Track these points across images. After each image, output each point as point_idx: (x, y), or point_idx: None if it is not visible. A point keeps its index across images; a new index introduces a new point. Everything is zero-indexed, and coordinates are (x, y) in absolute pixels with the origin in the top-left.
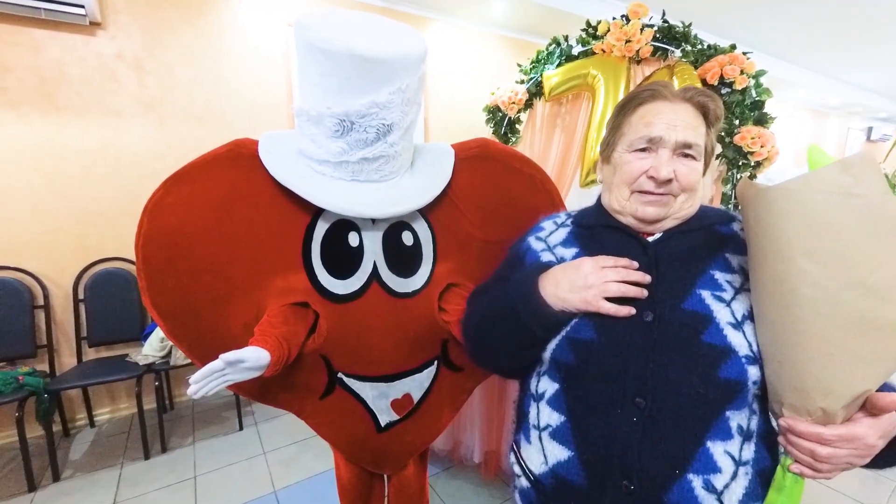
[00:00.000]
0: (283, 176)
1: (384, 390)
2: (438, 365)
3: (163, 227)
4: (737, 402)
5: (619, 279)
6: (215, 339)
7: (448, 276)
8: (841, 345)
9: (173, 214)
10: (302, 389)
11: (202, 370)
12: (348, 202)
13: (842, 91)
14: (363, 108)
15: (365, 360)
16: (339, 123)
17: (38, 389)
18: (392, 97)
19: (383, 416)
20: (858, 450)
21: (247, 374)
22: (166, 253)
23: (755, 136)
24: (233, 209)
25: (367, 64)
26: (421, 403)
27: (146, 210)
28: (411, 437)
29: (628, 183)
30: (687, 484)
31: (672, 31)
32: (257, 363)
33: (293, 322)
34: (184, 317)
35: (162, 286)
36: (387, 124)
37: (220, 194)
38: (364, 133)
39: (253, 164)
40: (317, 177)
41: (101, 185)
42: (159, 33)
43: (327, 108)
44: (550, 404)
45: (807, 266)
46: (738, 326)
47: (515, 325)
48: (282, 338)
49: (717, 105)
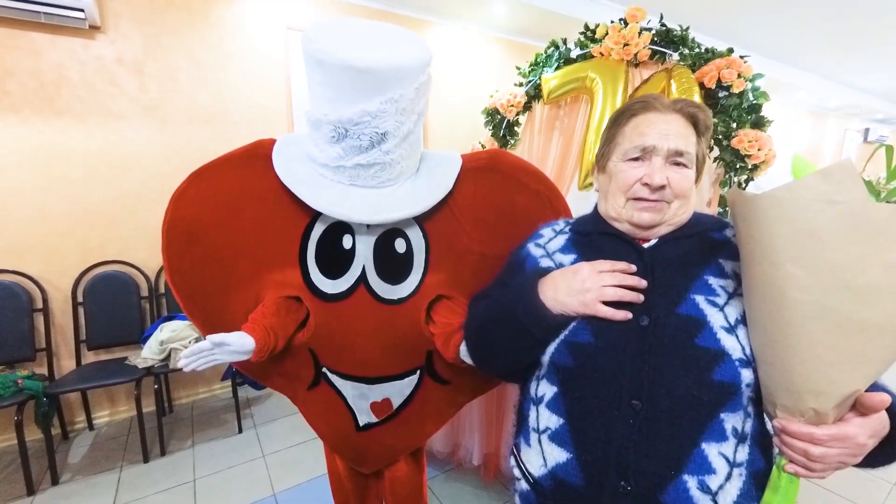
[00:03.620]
0: (286, 177)
1: (364, 391)
2: (421, 375)
3: (183, 215)
4: (731, 405)
5: (616, 284)
6: (223, 321)
7: (438, 287)
8: (830, 347)
9: (192, 205)
10: (294, 378)
11: (192, 347)
12: (339, 206)
13: (840, 93)
14: (355, 117)
15: (347, 358)
16: (334, 130)
17: (37, 393)
18: (384, 106)
19: (362, 416)
20: (850, 449)
21: (232, 356)
22: (184, 238)
23: (752, 140)
24: (242, 205)
25: (358, 74)
26: (401, 410)
27: (172, 199)
28: (391, 440)
29: (624, 190)
30: (682, 484)
31: (670, 34)
32: (241, 348)
33: (284, 314)
34: (196, 298)
35: (179, 268)
36: (380, 133)
37: (233, 191)
38: (358, 140)
39: (267, 164)
40: (319, 180)
41: (102, 188)
42: (160, 37)
43: (324, 114)
44: (549, 407)
45: (795, 271)
46: (731, 330)
47: (515, 328)
48: (270, 328)
49: (706, 115)
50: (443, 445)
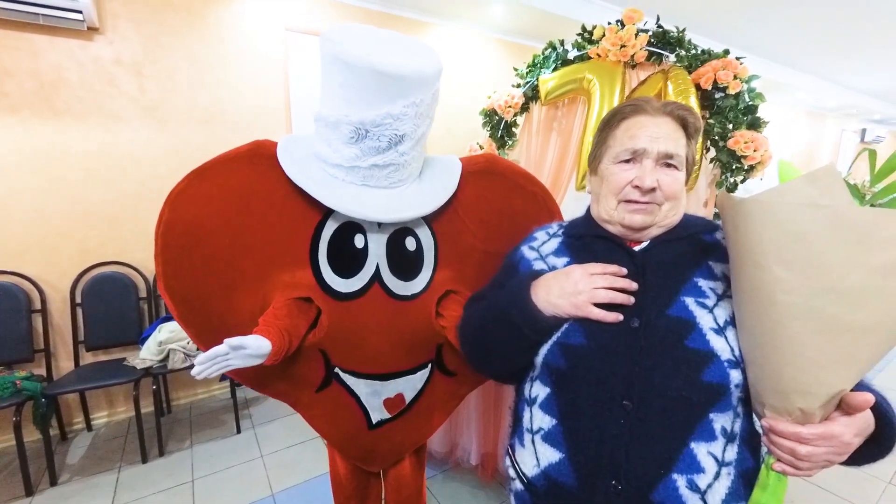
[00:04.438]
0: (298, 177)
1: (377, 388)
2: (432, 368)
3: (182, 216)
4: (720, 405)
5: (608, 286)
6: (222, 326)
7: (447, 282)
8: (816, 348)
9: (192, 206)
10: (299, 381)
11: (208, 353)
12: (357, 205)
13: (837, 93)
14: (378, 119)
15: (361, 357)
16: (354, 131)
17: (36, 394)
18: (406, 110)
19: (375, 414)
20: (836, 447)
21: (248, 360)
22: (183, 241)
23: (748, 141)
24: (248, 205)
25: (386, 78)
26: (413, 405)
27: (168, 200)
28: (400, 436)
29: (615, 193)
30: (672, 483)
31: (666, 36)
32: (258, 351)
33: (296, 315)
34: (194, 302)
35: (176, 272)
36: (399, 134)
37: (237, 190)
38: (377, 141)
39: (270, 164)
40: (329, 179)
41: (101, 189)
42: (158, 38)
43: (345, 115)
44: (542, 408)
45: (782, 274)
46: (720, 332)
47: (509, 330)
48: (284, 329)
49: (696, 118)
50: (441, 445)
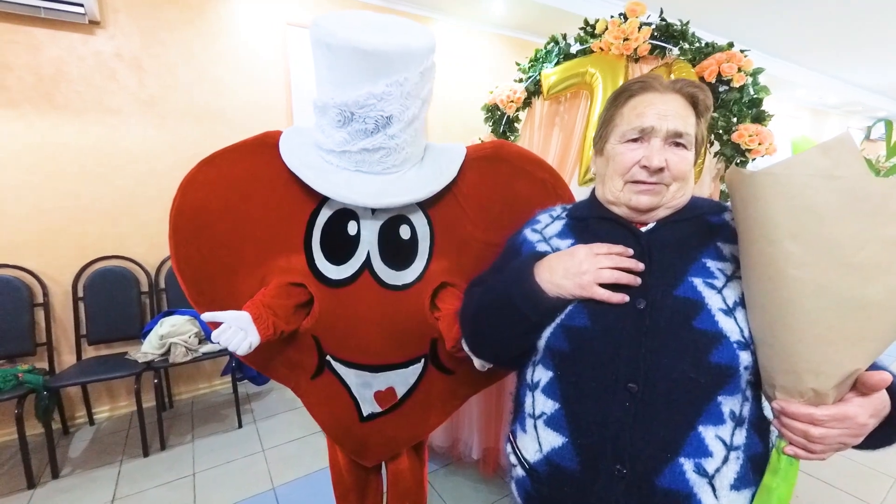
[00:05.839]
0: (293, 163)
1: (368, 380)
2: (426, 364)
3: (191, 202)
4: (729, 388)
5: (613, 266)
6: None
7: (443, 274)
8: (829, 325)
9: (201, 192)
10: (297, 367)
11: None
12: (346, 190)
13: (841, 90)
14: (361, 99)
15: (352, 346)
16: (340, 113)
17: (38, 387)
18: (389, 89)
19: (366, 406)
20: (850, 429)
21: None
22: (192, 224)
23: (753, 134)
24: (251, 191)
25: (365, 55)
26: (405, 400)
27: (181, 186)
28: (393, 432)
29: (621, 173)
30: (678, 467)
31: (670, 29)
32: (236, 321)
33: (284, 297)
34: (202, 284)
35: (186, 254)
36: (385, 116)
37: (242, 178)
38: (363, 124)
39: (275, 152)
40: (324, 166)
41: (101, 183)
42: (159, 32)
43: (331, 98)
44: (545, 392)
45: (793, 248)
46: (729, 313)
47: (511, 312)
48: (266, 305)
49: (706, 95)
50: (442, 440)
